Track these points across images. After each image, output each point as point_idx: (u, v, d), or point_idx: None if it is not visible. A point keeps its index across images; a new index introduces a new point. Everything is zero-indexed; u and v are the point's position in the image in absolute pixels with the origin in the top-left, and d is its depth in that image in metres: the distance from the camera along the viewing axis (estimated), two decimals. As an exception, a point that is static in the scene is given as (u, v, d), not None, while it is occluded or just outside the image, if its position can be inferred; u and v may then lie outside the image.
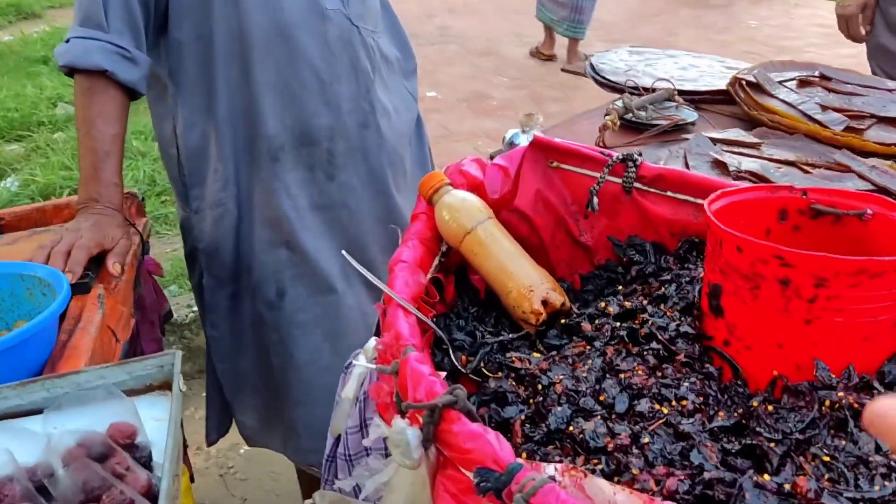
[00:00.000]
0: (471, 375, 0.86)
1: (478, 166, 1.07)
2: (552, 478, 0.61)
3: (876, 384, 0.71)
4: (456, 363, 0.87)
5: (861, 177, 1.22)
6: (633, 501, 0.58)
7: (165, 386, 0.85)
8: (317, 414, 1.51)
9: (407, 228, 1.00)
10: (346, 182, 1.49)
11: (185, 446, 1.27)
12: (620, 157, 1.00)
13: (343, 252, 0.88)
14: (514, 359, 0.85)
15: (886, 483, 0.60)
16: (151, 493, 0.69)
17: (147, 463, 0.74)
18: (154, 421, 0.81)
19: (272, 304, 1.50)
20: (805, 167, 1.27)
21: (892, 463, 0.62)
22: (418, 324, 0.85)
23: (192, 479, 1.29)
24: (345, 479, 0.82)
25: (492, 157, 1.11)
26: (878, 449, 0.64)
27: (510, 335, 0.92)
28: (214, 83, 1.37)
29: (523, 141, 1.36)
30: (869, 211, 0.82)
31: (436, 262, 0.98)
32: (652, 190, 0.99)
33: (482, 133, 4.66)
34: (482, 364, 0.87)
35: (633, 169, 0.99)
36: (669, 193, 0.98)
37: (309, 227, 1.47)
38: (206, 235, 1.49)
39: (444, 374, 0.83)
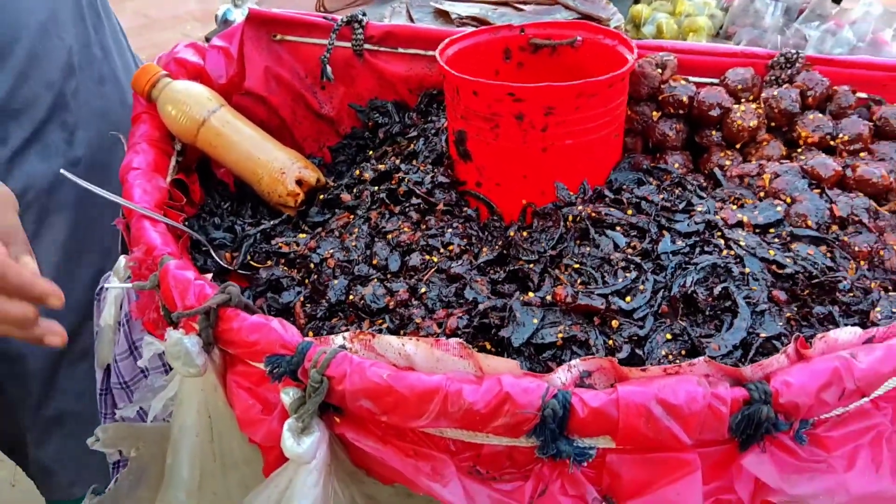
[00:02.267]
0: (239, 271, 0.83)
1: (195, 51, 0.98)
2: (343, 346, 0.62)
3: (607, 192, 0.79)
4: (221, 262, 0.83)
5: (567, 7, 1.32)
6: (421, 346, 0.61)
7: None
8: (70, 444, 1.13)
9: (131, 132, 0.90)
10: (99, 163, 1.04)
11: None
12: (345, 19, 0.97)
13: (63, 171, 0.76)
14: (280, 244, 0.83)
15: (627, 274, 0.69)
16: None
17: None
18: None
19: None
20: (518, 5, 1.34)
21: (629, 256, 0.71)
22: (169, 231, 0.79)
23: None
24: (125, 407, 0.77)
25: (208, 40, 1.02)
26: (616, 247, 0.72)
27: (272, 222, 0.89)
28: None
29: (238, 16, 1.26)
30: (579, 38, 0.89)
31: (173, 162, 0.91)
32: (383, 49, 0.98)
33: (188, 16, 4.25)
34: (249, 257, 0.84)
35: (360, 30, 0.97)
36: (401, 50, 0.98)
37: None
38: None
39: (209, 276, 0.79)
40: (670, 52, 0.88)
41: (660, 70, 0.85)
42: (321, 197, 0.90)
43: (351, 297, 0.74)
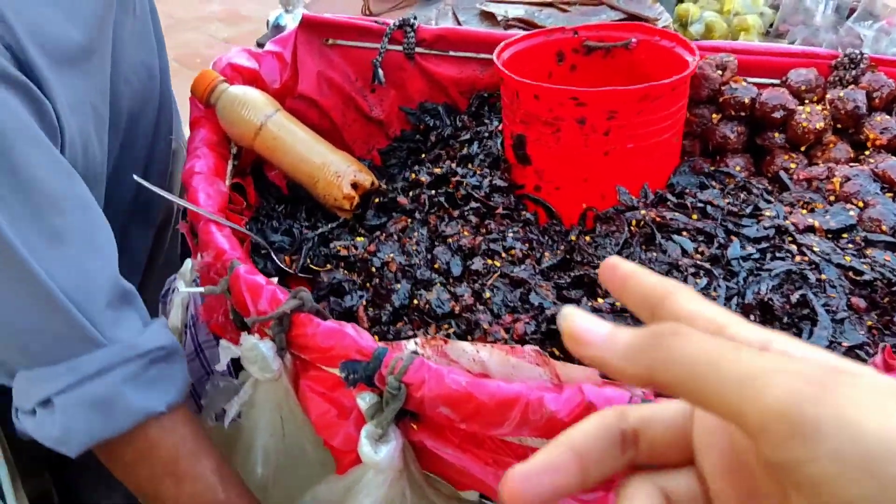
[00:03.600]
0: (300, 275, 0.83)
1: (249, 56, 0.98)
2: (415, 352, 0.62)
3: (669, 196, 0.79)
4: (282, 265, 0.83)
5: (613, 7, 1.31)
6: (496, 353, 0.61)
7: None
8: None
9: (190, 137, 0.91)
10: None
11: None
12: (397, 23, 0.97)
13: (136, 177, 0.77)
14: (339, 248, 0.83)
15: (697, 280, 0.69)
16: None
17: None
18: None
19: None
20: (562, 6, 1.33)
21: (698, 263, 0.70)
22: (234, 234, 0.79)
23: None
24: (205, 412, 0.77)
25: (259, 45, 1.03)
26: (684, 253, 0.72)
27: (329, 225, 0.89)
28: None
29: (289, 21, 1.26)
30: (633, 39, 0.88)
31: (230, 166, 0.91)
32: (434, 52, 0.98)
33: (213, 17, 4.27)
34: (308, 261, 0.84)
35: (412, 34, 0.97)
36: (452, 53, 0.98)
37: None
38: None
39: (276, 280, 0.80)
40: (729, 52, 0.87)
41: (720, 72, 0.85)
42: (376, 200, 0.90)
43: (415, 301, 0.74)
